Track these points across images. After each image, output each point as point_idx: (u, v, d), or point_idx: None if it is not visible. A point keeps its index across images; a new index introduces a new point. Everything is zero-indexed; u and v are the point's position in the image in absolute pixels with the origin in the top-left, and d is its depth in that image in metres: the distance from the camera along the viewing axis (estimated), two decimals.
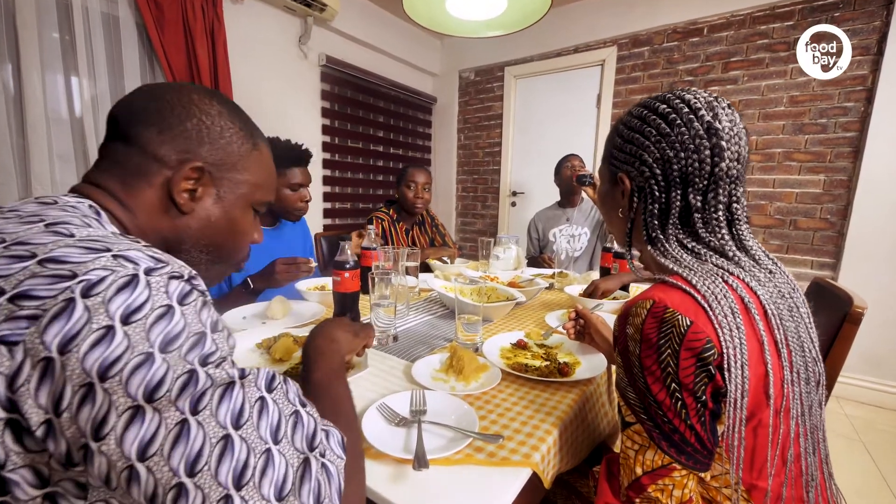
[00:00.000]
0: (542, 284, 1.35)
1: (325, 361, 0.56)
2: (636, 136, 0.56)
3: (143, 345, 0.30)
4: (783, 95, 2.27)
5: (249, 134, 0.52)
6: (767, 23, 2.28)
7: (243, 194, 0.51)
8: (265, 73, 2.40)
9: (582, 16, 2.81)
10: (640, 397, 0.47)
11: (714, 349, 0.43)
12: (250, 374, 0.36)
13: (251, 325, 1.00)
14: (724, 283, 0.47)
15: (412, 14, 1.28)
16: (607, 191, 0.64)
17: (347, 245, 0.98)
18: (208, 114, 0.48)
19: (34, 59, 1.63)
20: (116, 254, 0.33)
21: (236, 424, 0.33)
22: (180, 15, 1.94)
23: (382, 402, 0.63)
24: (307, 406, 0.40)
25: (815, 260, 2.28)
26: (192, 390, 0.31)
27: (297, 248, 1.48)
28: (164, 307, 0.32)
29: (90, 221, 0.40)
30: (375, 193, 3.25)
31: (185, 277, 0.36)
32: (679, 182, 0.53)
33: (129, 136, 0.46)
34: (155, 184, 0.46)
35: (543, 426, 0.61)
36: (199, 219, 0.48)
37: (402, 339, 0.95)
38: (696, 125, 0.51)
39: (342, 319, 0.68)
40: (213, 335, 0.35)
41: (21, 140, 1.67)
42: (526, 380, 0.75)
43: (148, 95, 0.47)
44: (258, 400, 0.35)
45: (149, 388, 0.30)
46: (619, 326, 0.49)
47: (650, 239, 0.56)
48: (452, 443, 0.55)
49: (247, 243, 0.56)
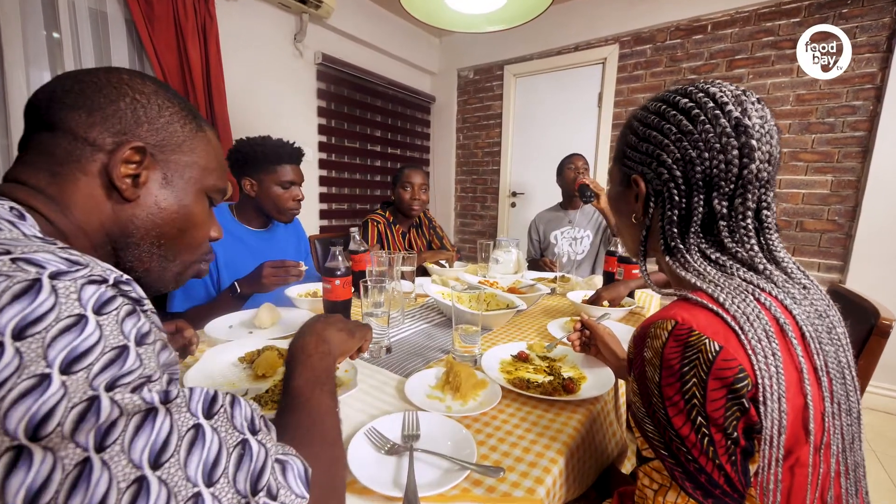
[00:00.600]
0: (543, 290, 1.29)
1: (309, 366, 0.49)
2: (653, 133, 0.50)
3: (37, 364, 0.25)
4: (789, 94, 2.22)
5: (192, 115, 0.47)
6: (773, 20, 2.22)
7: (193, 178, 0.46)
8: (259, 71, 2.34)
9: (583, 13, 2.76)
10: (660, 431, 0.41)
11: (748, 379, 0.38)
12: (179, 396, 0.30)
13: (237, 334, 0.94)
14: (756, 301, 0.41)
15: (409, 8, 1.22)
16: (618, 194, 0.58)
17: (339, 251, 0.93)
18: (142, 92, 0.43)
19: (18, 56, 1.57)
20: (17, 257, 0.28)
21: (155, 463, 0.27)
22: (171, 11, 1.89)
23: (371, 427, 0.57)
24: (260, 433, 0.34)
25: (822, 262, 2.23)
26: (95, 422, 0.26)
27: (289, 252, 1.42)
28: (73, 318, 0.27)
29: (2, 224, 0.34)
30: (373, 194, 3.19)
31: (110, 282, 0.30)
32: (702, 186, 0.47)
33: (53, 123, 0.40)
34: (90, 171, 0.40)
35: (548, 454, 0.56)
36: (145, 206, 0.43)
37: (396, 350, 0.89)
38: (723, 122, 0.46)
39: (336, 316, 0.61)
40: (137, 349, 0.29)
41: (5, 139, 1.62)
42: (528, 398, 0.70)
43: (71, 79, 0.41)
44: (191, 429, 0.30)
45: (33, 423, 0.24)
46: (635, 348, 0.44)
47: (668, 248, 0.50)
48: (448, 475, 0.50)
49: (204, 237, 0.50)
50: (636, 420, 0.45)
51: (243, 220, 1.29)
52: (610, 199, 0.61)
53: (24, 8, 1.59)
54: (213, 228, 0.51)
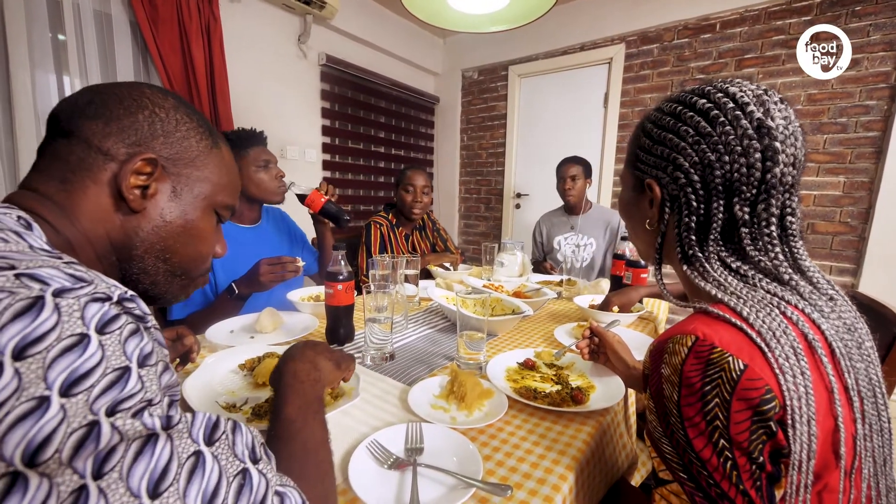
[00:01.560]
0: (549, 294, 1.27)
1: (301, 394, 0.48)
2: (669, 136, 0.47)
3: (37, 387, 0.24)
4: (800, 93, 2.18)
5: (208, 131, 0.47)
6: (784, 18, 2.19)
7: (203, 194, 0.46)
8: (263, 72, 2.34)
9: (588, 12, 2.73)
10: (679, 452, 0.39)
11: (775, 401, 0.35)
12: (181, 422, 0.29)
13: (239, 339, 0.93)
14: (782, 316, 0.38)
15: (412, 8, 1.21)
16: (631, 199, 0.55)
17: (341, 255, 0.91)
18: (162, 106, 0.43)
19: (23, 58, 1.57)
20: (22, 272, 0.27)
21: (154, 491, 0.26)
22: (175, 13, 1.88)
23: (373, 440, 0.55)
24: (261, 462, 0.33)
25: (834, 265, 2.18)
26: (94, 448, 0.25)
27: (283, 244, 1.40)
28: (75, 337, 0.26)
29: (7, 236, 0.33)
30: (376, 195, 3.18)
31: (114, 299, 0.29)
32: (722, 191, 0.44)
33: (71, 131, 0.40)
34: (100, 180, 0.40)
35: (557, 469, 0.53)
36: (151, 218, 0.43)
37: (399, 357, 0.87)
38: (744, 123, 0.43)
39: (323, 344, 0.60)
40: (139, 370, 0.28)
41: (10, 142, 1.61)
42: (535, 408, 0.67)
43: (93, 91, 0.42)
44: (192, 456, 0.29)
45: (30, 449, 0.23)
46: (651, 364, 0.41)
47: (685, 257, 0.47)
48: (453, 493, 0.48)
49: (208, 253, 0.49)
50: (653, 440, 0.42)
51: (234, 219, 1.28)
52: (622, 204, 0.59)
53: (29, 10, 1.59)
54: (218, 245, 0.51)
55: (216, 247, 0.50)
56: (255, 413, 0.62)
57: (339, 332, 0.92)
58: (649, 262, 0.55)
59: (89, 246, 0.41)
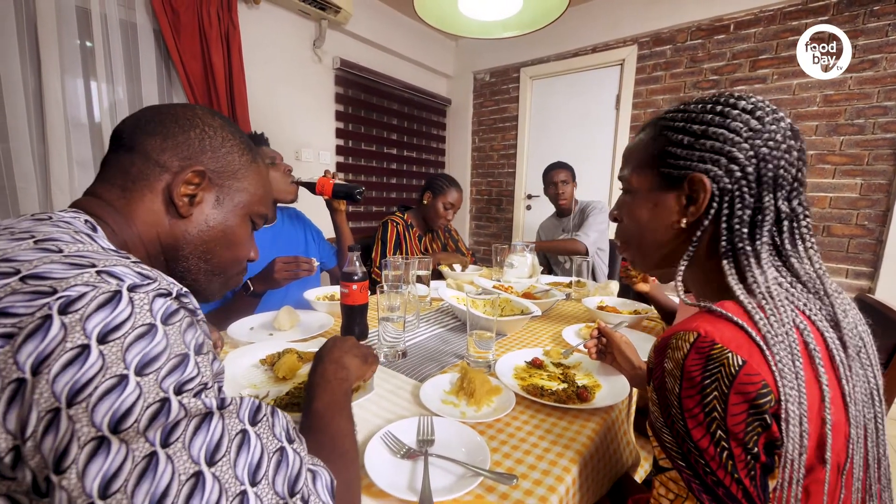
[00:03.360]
0: (558, 296, 1.29)
1: (329, 390, 0.53)
2: (719, 131, 0.47)
3: (118, 366, 0.28)
4: (816, 95, 2.15)
5: (249, 148, 0.53)
6: (800, 18, 2.16)
7: (241, 203, 0.52)
8: (280, 77, 2.40)
9: (601, 14, 2.73)
10: (679, 442, 0.41)
11: (771, 395, 0.37)
12: (231, 404, 0.34)
13: (258, 336, 0.97)
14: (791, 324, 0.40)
15: (423, 14, 1.24)
16: (654, 200, 0.53)
17: (356, 256, 0.95)
18: (211, 125, 0.49)
19: (54, 65, 1.65)
20: (101, 269, 0.32)
21: (210, 460, 0.30)
22: (196, 21, 1.95)
23: (387, 431, 0.59)
24: (295, 443, 0.37)
25: (850, 269, 2.15)
26: (164, 420, 0.29)
27: (300, 242, 1.45)
28: (145, 326, 0.30)
29: (82, 238, 0.38)
30: (389, 196, 3.23)
31: (174, 295, 0.34)
32: (771, 184, 0.46)
33: (133, 146, 0.46)
34: (156, 189, 0.46)
35: (561, 462, 0.56)
36: (196, 223, 0.48)
37: (412, 354, 0.91)
38: (784, 125, 0.46)
39: (351, 340, 0.65)
40: (196, 358, 0.33)
41: (41, 146, 1.70)
42: (542, 405, 0.70)
43: (153, 111, 0.49)
44: (239, 433, 0.33)
45: (115, 417, 0.27)
46: (655, 359, 0.44)
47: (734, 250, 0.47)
48: (462, 481, 0.51)
49: (244, 256, 0.55)
50: (654, 430, 0.45)
51: None
52: (630, 210, 0.56)
53: (60, 19, 1.67)
54: (252, 250, 0.56)
55: (251, 252, 0.55)
56: (277, 405, 0.65)
57: (354, 330, 0.96)
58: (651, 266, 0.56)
59: (142, 246, 0.46)
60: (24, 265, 0.31)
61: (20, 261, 0.31)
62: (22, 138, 1.63)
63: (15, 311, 0.28)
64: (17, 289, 0.29)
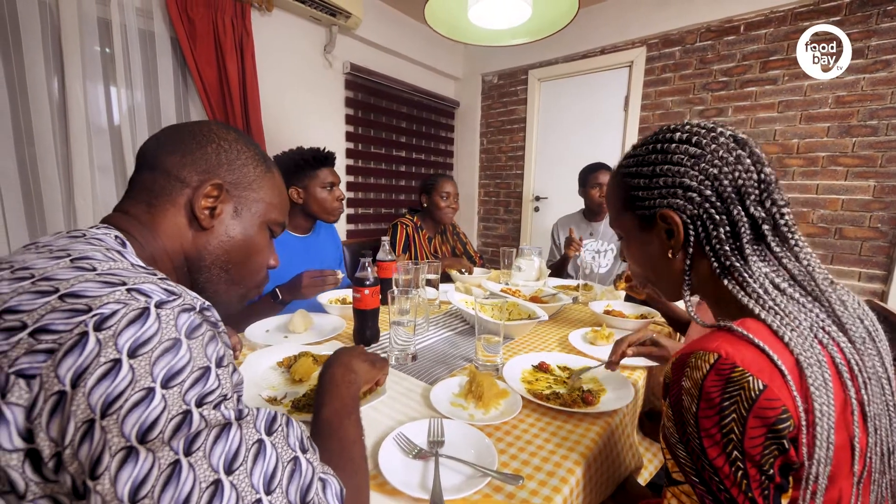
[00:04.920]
0: (565, 300, 1.31)
1: (337, 396, 0.55)
2: (665, 167, 0.51)
3: (146, 379, 0.30)
4: (828, 96, 2.13)
5: (263, 159, 0.55)
6: (811, 18, 2.14)
7: (258, 212, 0.54)
8: (291, 82, 2.45)
9: (609, 16, 2.73)
10: (693, 458, 0.42)
11: (790, 420, 0.38)
12: (249, 415, 0.36)
13: (274, 338, 1.01)
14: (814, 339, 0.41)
15: (433, 24, 1.27)
16: (641, 240, 0.56)
17: (368, 262, 0.98)
18: (226, 139, 0.52)
19: (77, 71, 1.71)
20: (131, 287, 0.34)
21: (229, 469, 0.32)
22: (211, 29, 2.00)
23: (399, 432, 0.62)
24: (308, 452, 0.39)
25: (863, 272, 2.13)
26: (187, 431, 0.31)
27: (328, 255, 1.50)
28: (171, 340, 0.33)
29: (113, 255, 0.41)
30: (398, 198, 3.26)
31: (197, 309, 0.36)
32: (735, 197, 0.48)
33: (155, 165, 0.49)
34: (178, 203, 0.49)
35: (566, 464, 0.59)
36: (217, 234, 0.51)
37: (421, 357, 0.94)
38: (722, 140, 0.49)
39: (360, 348, 0.67)
40: (217, 370, 0.35)
41: (65, 151, 1.76)
42: (548, 408, 0.72)
43: (172, 129, 0.52)
44: (256, 443, 0.35)
45: (142, 429, 0.30)
46: (673, 375, 0.44)
47: (724, 269, 0.49)
48: (470, 481, 0.53)
49: (263, 265, 0.57)
50: (668, 444, 0.45)
51: (290, 227, 1.39)
52: (631, 252, 0.60)
53: (83, 28, 1.73)
54: (271, 257, 0.58)
55: (270, 259, 0.58)
56: (294, 406, 0.69)
57: (366, 334, 0.99)
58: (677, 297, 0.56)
59: (167, 258, 0.49)
60: (62, 283, 0.34)
61: (59, 279, 0.34)
62: (46, 144, 1.69)
63: (55, 327, 0.31)
64: (57, 307, 0.32)
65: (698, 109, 2.51)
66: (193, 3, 1.94)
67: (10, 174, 1.63)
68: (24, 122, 1.65)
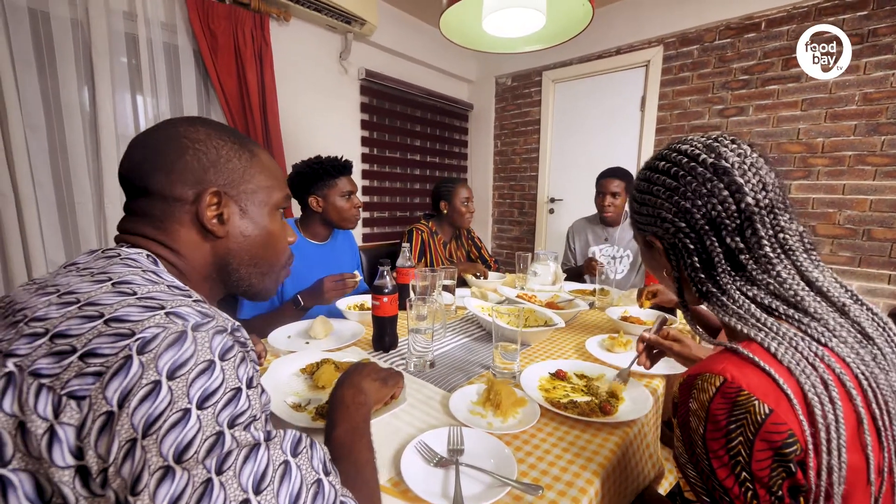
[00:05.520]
0: (582, 306, 1.31)
1: (348, 417, 0.55)
2: (648, 197, 0.55)
3: (183, 401, 0.32)
4: (855, 93, 2.07)
5: (241, 144, 0.52)
6: (836, 14, 2.08)
7: (262, 201, 0.53)
8: (308, 89, 2.50)
9: (625, 16, 2.70)
10: (703, 479, 0.43)
11: (797, 444, 0.38)
12: (276, 437, 0.37)
13: (295, 344, 1.04)
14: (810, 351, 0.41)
15: (448, 34, 1.28)
16: (646, 255, 0.61)
17: (386, 270, 1.00)
18: (198, 140, 0.49)
19: (106, 84, 1.79)
20: (169, 311, 0.36)
21: (257, 489, 0.33)
22: (232, 42, 2.07)
23: (420, 440, 0.63)
24: (330, 475, 0.40)
25: (892, 274, 2.06)
26: (219, 451, 0.33)
27: (346, 261, 1.54)
28: (206, 362, 0.34)
29: (150, 276, 0.42)
30: (412, 202, 3.29)
31: (229, 330, 0.38)
32: (709, 229, 0.50)
33: (144, 189, 0.48)
34: (185, 222, 0.48)
35: (584, 474, 0.59)
36: (234, 238, 0.51)
37: (439, 364, 0.95)
38: (701, 170, 0.50)
39: (371, 366, 0.68)
40: (247, 391, 0.36)
41: (96, 162, 1.84)
42: (566, 417, 0.73)
43: (141, 146, 0.49)
44: (282, 464, 0.36)
45: (179, 450, 0.31)
46: (680, 396, 0.45)
47: (703, 294, 0.52)
48: (490, 490, 0.55)
49: (285, 246, 0.57)
50: (679, 464, 0.46)
51: (308, 235, 1.43)
52: (644, 260, 0.65)
53: (112, 43, 1.80)
54: (288, 234, 0.59)
55: (288, 237, 0.58)
56: (318, 412, 0.71)
57: (385, 340, 1.02)
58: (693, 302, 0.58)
59: (196, 272, 0.50)
60: (106, 308, 0.36)
61: (103, 304, 0.36)
62: (79, 155, 1.77)
63: (102, 351, 0.33)
64: (103, 331, 0.34)
65: (717, 108, 2.46)
66: (215, 16, 2.00)
67: (45, 185, 1.71)
68: (59, 135, 1.74)
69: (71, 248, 1.82)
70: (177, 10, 1.96)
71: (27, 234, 1.66)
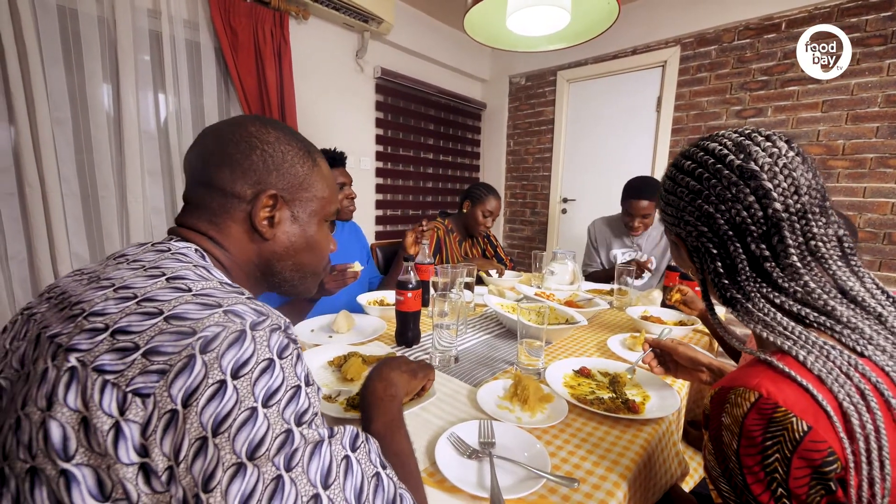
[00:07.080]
0: (602, 304, 1.31)
1: (383, 411, 0.55)
2: (672, 198, 0.54)
3: (249, 399, 0.33)
4: (877, 94, 2.04)
5: (307, 152, 0.54)
6: (859, 14, 2.06)
7: (314, 210, 0.54)
8: (324, 87, 2.52)
9: (641, 16, 2.69)
10: (737, 493, 0.42)
11: (837, 462, 0.37)
12: (337, 433, 0.38)
13: (319, 338, 1.06)
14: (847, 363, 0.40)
15: (472, 33, 1.29)
16: (675, 252, 0.61)
17: (411, 266, 1.01)
18: (268, 142, 0.50)
19: (130, 81, 1.82)
20: (227, 309, 0.36)
21: (325, 484, 0.34)
22: (252, 39, 2.09)
23: (452, 432, 0.64)
24: (387, 468, 0.41)
25: None
26: (288, 449, 0.33)
27: (354, 251, 1.55)
28: (266, 360, 0.34)
29: (202, 272, 0.43)
30: (425, 200, 3.30)
31: (282, 328, 0.38)
32: (733, 234, 0.48)
33: (207, 181, 0.49)
34: (238, 219, 0.50)
35: (617, 468, 0.60)
36: (280, 242, 0.52)
37: (463, 360, 0.96)
38: (726, 173, 0.48)
39: (401, 359, 0.68)
40: (306, 389, 0.37)
41: (119, 157, 1.87)
42: (593, 413, 0.74)
43: (212, 139, 0.51)
44: (344, 458, 0.37)
45: (251, 447, 0.32)
46: (713, 410, 0.44)
47: (726, 300, 0.51)
48: (525, 482, 0.55)
49: (326, 254, 0.59)
50: (711, 477, 0.45)
51: None
52: (673, 259, 0.65)
53: (136, 40, 1.83)
54: (331, 243, 0.61)
55: (330, 245, 0.60)
56: (349, 404, 0.72)
57: (408, 335, 1.03)
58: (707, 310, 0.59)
59: (239, 269, 0.52)
60: (164, 305, 0.36)
61: (160, 300, 0.37)
62: (103, 150, 1.81)
63: (165, 349, 0.33)
64: (164, 329, 0.34)
65: (735, 109, 2.44)
66: (236, 14, 2.03)
67: (70, 180, 1.75)
68: (84, 130, 1.77)
69: (94, 241, 1.86)
70: (199, 8, 1.98)
71: (52, 226, 1.69)
